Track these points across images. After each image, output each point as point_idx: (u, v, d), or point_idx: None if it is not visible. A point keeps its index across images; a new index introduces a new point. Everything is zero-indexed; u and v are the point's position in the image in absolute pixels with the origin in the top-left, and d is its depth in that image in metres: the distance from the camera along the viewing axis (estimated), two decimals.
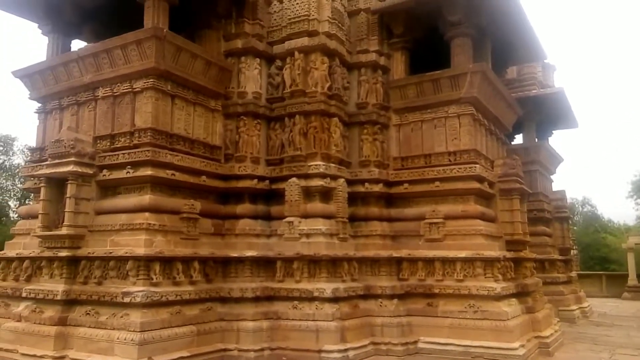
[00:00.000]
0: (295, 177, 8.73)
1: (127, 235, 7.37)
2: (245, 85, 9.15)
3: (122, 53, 7.83)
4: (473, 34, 9.47)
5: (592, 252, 33.49)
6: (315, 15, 9.20)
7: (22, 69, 9.10)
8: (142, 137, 7.62)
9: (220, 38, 9.31)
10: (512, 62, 12.22)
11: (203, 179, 8.37)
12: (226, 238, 8.68)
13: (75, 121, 8.43)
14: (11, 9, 9.25)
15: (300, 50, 9.15)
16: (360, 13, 10.03)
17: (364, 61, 9.82)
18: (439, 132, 9.31)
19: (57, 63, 8.66)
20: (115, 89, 8.03)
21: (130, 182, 7.72)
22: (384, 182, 9.48)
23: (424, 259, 8.88)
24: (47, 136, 8.80)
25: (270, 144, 9.34)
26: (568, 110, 14.35)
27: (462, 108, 9.12)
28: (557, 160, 15.49)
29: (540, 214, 13.86)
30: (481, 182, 9.08)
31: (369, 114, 9.62)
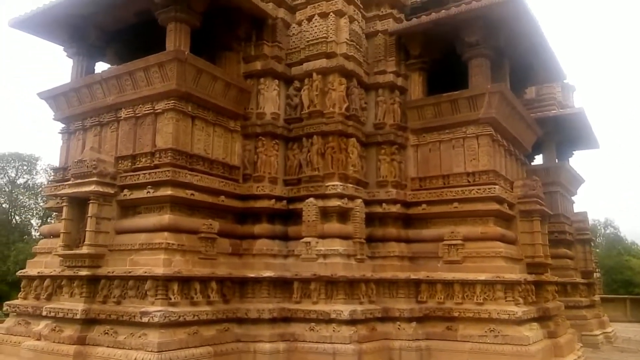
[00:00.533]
0: (313, 197, 8.74)
1: (146, 254, 7.42)
2: (264, 106, 9.25)
3: (145, 75, 8.00)
4: (491, 54, 9.47)
5: (616, 275, 32.72)
6: (334, 38, 9.30)
7: (47, 90, 9.33)
8: (163, 157, 7.73)
9: (240, 60, 9.45)
10: (531, 82, 12.15)
11: (222, 199, 8.42)
12: (244, 258, 8.69)
13: (98, 142, 8.60)
14: (38, 32, 9.53)
15: (318, 72, 9.24)
16: (378, 35, 10.12)
17: (381, 82, 9.87)
18: (458, 152, 9.27)
19: (81, 85, 8.87)
20: (137, 110, 8.19)
21: (151, 202, 7.81)
22: (401, 203, 9.43)
23: (443, 281, 8.77)
24: (70, 156, 8.97)
25: (288, 164, 9.38)
26: (588, 131, 14.18)
27: (481, 128, 9.08)
28: (578, 181, 15.26)
29: (562, 236, 13.62)
30: (501, 204, 8.97)
31: (386, 134, 9.63)
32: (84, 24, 9.04)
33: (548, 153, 14.05)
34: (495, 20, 8.98)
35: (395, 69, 9.94)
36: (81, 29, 9.16)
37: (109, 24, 9.02)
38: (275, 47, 9.52)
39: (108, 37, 9.36)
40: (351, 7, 9.69)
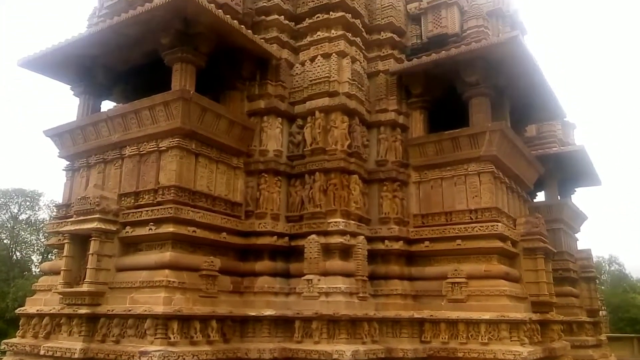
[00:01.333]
0: (315, 234, 8.71)
1: (146, 292, 7.36)
2: (267, 143, 9.34)
3: (150, 113, 8.13)
4: (491, 93, 9.61)
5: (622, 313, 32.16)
6: (336, 77, 9.47)
7: (53, 128, 9.47)
8: (166, 194, 7.77)
9: (244, 98, 9.62)
10: (532, 120, 12.30)
11: (223, 236, 8.41)
12: (244, 296, 8.61)
13: (102, 179, 8.66)
14: (46, 71, 9.73)
15: (321, 110, 9.37)
16: (379, 74, 10.30)
17: (383, 120, 9.99)
18: (460, 189, 9.29)
19: (87, 123, 9.01)
20: (141, 147, 8.28)
21: (152, 239, 7.80)
22: (404, 240, 9.39)
23: (447, 320, 8.64)
24: (74, 193, 9.02)
25: (290, 200, 9.40)
26: (590, 168, 14.23)
27: (482, 166, 9.13)
28: (581, 218, 15.22)
29: (566, 274, 13.48)
30: (504, 241, 8.93)
31: (388, 171, 9.68)
32: (92, 63, 9.24)
33: (550, 190, 14.06)
34: (494, 60, 9.16)
35: (396, 107, 10.08)
36: (89, 68, 9.36)
37: (116, 64, 9.22)
38: (279, 86, 9.69)
39: (115, 76, 9.55)
40: (353, 48, 9.91)
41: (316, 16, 9.95)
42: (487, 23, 10.19)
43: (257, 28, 9.79)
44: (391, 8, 10.50)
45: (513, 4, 11.18)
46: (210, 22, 8.12)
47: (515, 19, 11.25)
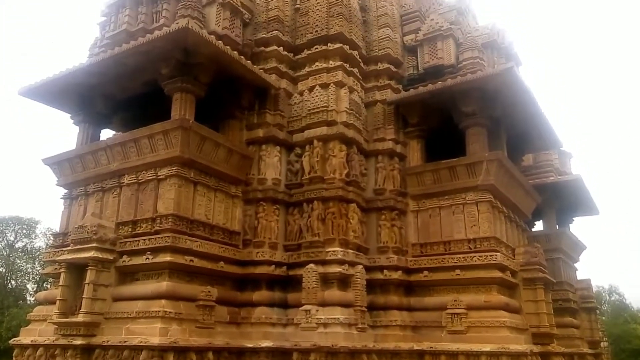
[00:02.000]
0: (313, 263, 8.66)
1: (142, 323, 7.26)
2: (265, 172, 9.37)
3: (149, 142, 8.17)
4: (487, 123, 9.70)
5: (624, 344, 31.73)
6: (334, 107, 9.56)
7: (52, 157, 9.49)
8: (164, 223, 7.75)
9: (243, 127, 9.69)
10: (528, 150, 12.38)
11: (221, 265, 8.35)
12: (242, 327, 8.49)
13: (100, 207, 8.64)
14: (47, 100, 9.81)
15: (319, 139, 9.43)
16: (377, 104, 10.41)
17: (380, 149, 10.04)
18: (458, 218, 9.28)
19: (86, 151, 9.04)
20: (140, 176, 8.29)
21: (149, 268, 7.74)
22: (403, 269, 9.33)
23: (447, 352, 8.50)
24: (71, 221, 8.98)
25: (288, 229, 9.37)
26: (587, 197, 14.26)
27: (480, 195, 9.15)
28: (580, 248, 15.16)
29: (566, 304, 13.34)
30: (503, 271, 8.88)
31: (386, 199, 9.68)
32: (92, 93, 9.33)
33: (548, 219, 14.05)
34: (490, 91, 9.28)
35: (394, 137, 10.15)
36: (89, 97, 9.45)
37: (116, 93, 9.32)
38: (278, 115, 9.77)
39: (115, 105, 9.64)
40: (351, 79, 10.04)
41: (314, 47, 10.11)
42: (482, 55, 10.36)
43: (256, 59, 9.94)
44: (388, 40, 10.69)
45: (508, 37, 11.39)
46: (211, 53, 8.24)
47: (510, 50, 11.44)
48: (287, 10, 10.54)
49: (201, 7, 9.35)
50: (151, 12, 9.43)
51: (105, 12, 9.94)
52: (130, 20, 9.42)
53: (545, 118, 10.37)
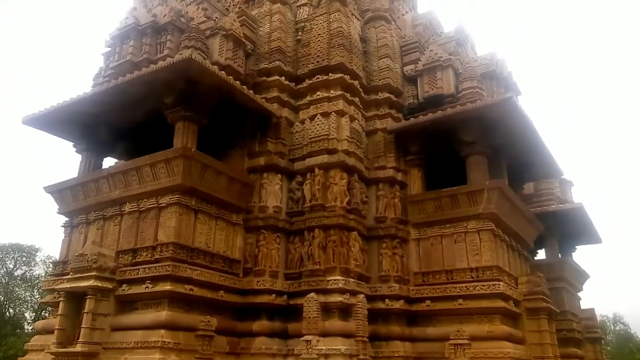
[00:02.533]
0: (314, 292, 8.57)
1: (141, 353, 7.16)
2: (266, 199, 9.38)
3: (151, 170, 8.21)
4: (488, 152, 9.75)
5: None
6: (335, 135, 9.63)
7: (54, 184, 9.53)
8: (164, 251, 7.72)
9: (245, 155, 9.75)
10: (529, 178, 12.40)
11: (221, 294, 8.28)
12: (241, 357, 8.37)
13: (100, 235, 8.63)
14: (50, 129, 9.91)
15: (320, 167, 9.46)
16: (378, 132, 10.48)
17: (381, 177, 10.07)
18: (460, 247, 9.24)
19: (88, 179, 9.08)
20: (141, 204, 8.31)
21: (149, 297, 7.68)
22: (405, 299, 9.24)
23: None
24: (72, 249, 8.96)
25: (289, 257, 9.32)
26: (589, 226, 14.20)
27: (482, 224, 9.13)
28: (583, 277, 15.02)
29: (570, 334, 13.14)
30: (506, 301, 8.79)
31: (387, 227, 9.65)
32: (95, 122, 9.43)
33: (550, 248, 13.96)
34: (490, 120, 9.35)
35: (395, 165, 10.19)
36: (92, 126, 9.55)
37: (119, 122, 9.42)
38: (279, 143, 9.84)
39: (117, 133, 9.73)
40: (352, 108, 10.14)
41: (316, 77, 10.25)
42: (481, 84, 10.48)
43: (258, 88, 10.07)
44: (388, 70, 10.84)
45: (506, 67, 11.54)
46: (213, 83, 8.36)
47: (509, 80, 11.57)
48: (288, 42, 10.73)
49: (205, 38, 9.52)
50: (155, 43, 9.61)
51: (109, 43, 10.13)
52: (135, 50, 9.59)
53: (545, 147, 10.42)
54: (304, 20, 11.14)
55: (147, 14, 9.75)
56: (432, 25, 12.52)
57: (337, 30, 10.43)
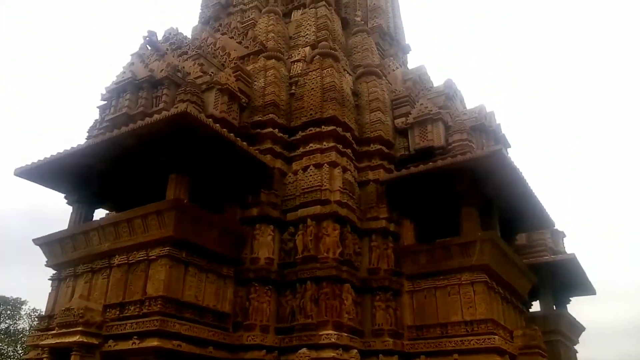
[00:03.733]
0: (306, 347, 8.38)
1: None
2: (258, 251, 9.30)
3: (142, 222, 8.16)
4: (479, 203, 9.81)
5: None
6: (328, 186, 9.69)
7: (44, 237, 9.43)
8: (152, 305, 7.56)
9: (237, 206, 9.74)
10: (521, 229, 12.41)
11: (210, 350, 8.05)
12: None
13: (88, 289, 8.47)
14: (43, 181, 9.88)
15: (312, 218, 9.46)
16: (370, 183, 10.56)
17: (374, 228, 10.05)
18: (454, 299, 9.13)
19: (79, 232, 9.00)
20: (131, 257, 8.21)
21: (136, 353, 7.44)
22: (399, 354, 9.02)
23: None
24: (58, 304, 8.76)
25: (280, 310, 9.15)
26: (583, 277, 14.12)
27: (475, 275, 9.07)
28: (578, 329, 14.79)
29: None
30: (502, 355, 8.60)
31: (381, 279, 9.55)
32: (88, 173, 9.44)
33: (545, 300, 13.80)
34: (480, 172, 9.47)
35: (387, 215, 10.20)
36: (85, 178, 9.55)
37: (112, 174, 9.43)
38: (272, 194, 9.87)
39: (110, 185, 9.73)
40: (344, 159, 10.26)
41: (309, 129, 10.43)
42: (471, 137, 10.69)
43: (252, 140, 10.20)
44: (379, 122, 11.06)
45: (495, 120, 11.81)
46: (208, 135, 8.46)
47: (498, 133, 11.81)
48: (282, 95, 10.98)
49: (200, 92, 9.73)
50: (151, 97, 9.78)
51: (106, 96, 10.30)
52: (131, 104, 9.75)
53: (535, 198, 10.51)
54: (298, 75, 11.45)
55: (145, 69, 9.98)
56: (422, 80, 12.89)
57: (330, 84, 10.70)
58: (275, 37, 12.30)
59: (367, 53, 12.74)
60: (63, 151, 8.98)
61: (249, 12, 13.74)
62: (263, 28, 12.59)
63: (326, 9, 12.99)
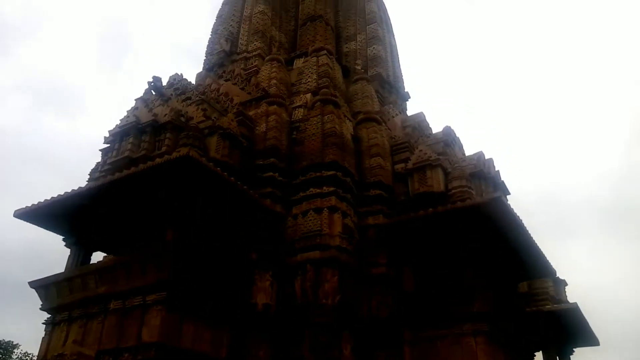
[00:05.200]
0: None
1: None
2: (256, 296, 9.15)
3: (139, 266, 8.09)
4: (480, 250, 9.74)
5: None
6: (327, 231, 9.66)
7: (40, 279, 9.30)
8: (147, 352, 7.40)
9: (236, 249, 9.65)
10: (523, 277, 12.27)
11: None
12: None
13: (82, 334, 8.29)
14: (42, 223, 9.80)
15: (312, 263, 9.37)
16: (370, 228, 10.51)
17: (374, 273, 9.94)
18: (455, 350, 8.95)
19: (75, 275, 8.90)
20: (127, 301, 8.08)
21: None
22: None
23: None
24: (52, 348, 8.55)
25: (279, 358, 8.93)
26: (585, 327, 13.84)
27: (477, 326, 8.92)
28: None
29: None
30: None
31: (380, 327, 9.38)
32: (88, 216, 9.41)
33: (548, 351, 13.51)
34: (480, 218, 9.45)
35: (387, 261, 10.09)
36: (85, 220, 9.51)
37: (113, 217, 9.39)
38: (271, 238, 9.82)
39: (109, 229, 9.67)
40: (344, 204, 10.28)
41: (309, 174, 10.50)
42: (470, 183, 10.74)
43: (253, 183, 10.25)
44: (379, 168, 11.15)
45: (493, 167, 11.91)
46: (209, 179, 8.50)
47: (497, 180, 11.89)
48: (283, 140, 11.12)
49: (203, 137, 9.84)
50: (154, 141, 9.90)
51: (109, 139, 10.42)
52: (133, 147, 9.85)
53: (536, 246, 10.41)
54: (299, 120, 11.64)
55: (149, 113, 10.15)
56: (421, 127, 13.09)
57: (331, 130, 10.86)
58: (278, 84, 12.57)
59: (367, 100, 12.98)
60: (64, 193, 8.98)
61: (252, 59, 14.08)
62: (266, 75, 12.88)
63: (327, 57, 13.33)
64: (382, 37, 15.61)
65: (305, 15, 15.17)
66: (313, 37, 14.35)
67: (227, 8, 15.57)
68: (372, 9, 15.95)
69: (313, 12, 15.00)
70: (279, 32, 14.91)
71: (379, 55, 15.17)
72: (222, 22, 15.35)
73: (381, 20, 16.06)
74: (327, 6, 15.43)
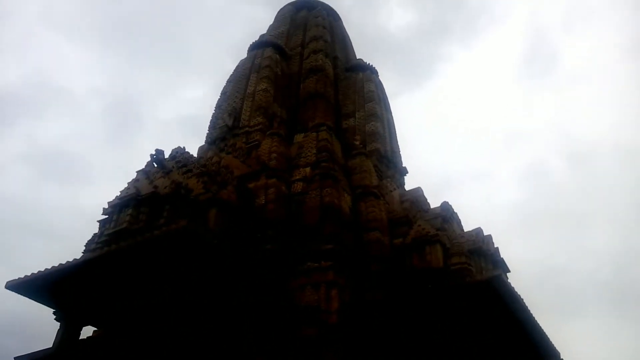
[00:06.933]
0: None
1: None
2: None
3: None
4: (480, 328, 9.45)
5: None
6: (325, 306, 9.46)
7: (27, 355, 8.98)
8: None
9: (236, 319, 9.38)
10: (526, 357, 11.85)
11: None
12: None
13: None
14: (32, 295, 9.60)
15: None
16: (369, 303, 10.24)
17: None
18: None
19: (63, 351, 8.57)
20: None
21: None
22: None
23: None
24: None
25: None
26: None
27: None
28: None
29: None
30: None
31: None
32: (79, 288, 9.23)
33: None
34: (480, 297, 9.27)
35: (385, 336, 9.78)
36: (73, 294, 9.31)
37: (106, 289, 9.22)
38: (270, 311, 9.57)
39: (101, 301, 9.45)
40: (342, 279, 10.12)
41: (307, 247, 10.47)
42: (469, 260, 10.64)
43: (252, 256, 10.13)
44: (377, 242, 11.14)
45: (493, 244, 11.86)
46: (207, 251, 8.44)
47: (496, 257, 11.80)
48: (282, 214, 11.16)
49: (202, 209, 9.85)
50: (153, 213, 9.89)
51: (108, 210, 10.41)
52: (132, 219, 9.82)
53: (538, 326, 10.16)
54: (298, 193, 11.75)
55: (149, 185, 10.22)
56: (419, 201, 13.16)
57: (329, 203, 10.93)
58: (278, 157, 12.78)
59: (365, 174, 13.14)
60: (59, 265, 8.86)
61: (253, 134, 14.40)
62: (266, 149, 13.13)
63: (327, 132, 13.66)
64: (380, 114, 16.09)
65: (306, 93, 15.72)
66: (313, 113, 14.78)
67: (231, 86, 16.15)
68: (370, 88, 16.56)
69: (314, 90, 15.56)
70: (280, 108, 15.36)
71: (376, 131, 15.56)
72: (225, 98, 15.86)
73: (379, 98, 16.63)
74: (328, 85, 16.02)
